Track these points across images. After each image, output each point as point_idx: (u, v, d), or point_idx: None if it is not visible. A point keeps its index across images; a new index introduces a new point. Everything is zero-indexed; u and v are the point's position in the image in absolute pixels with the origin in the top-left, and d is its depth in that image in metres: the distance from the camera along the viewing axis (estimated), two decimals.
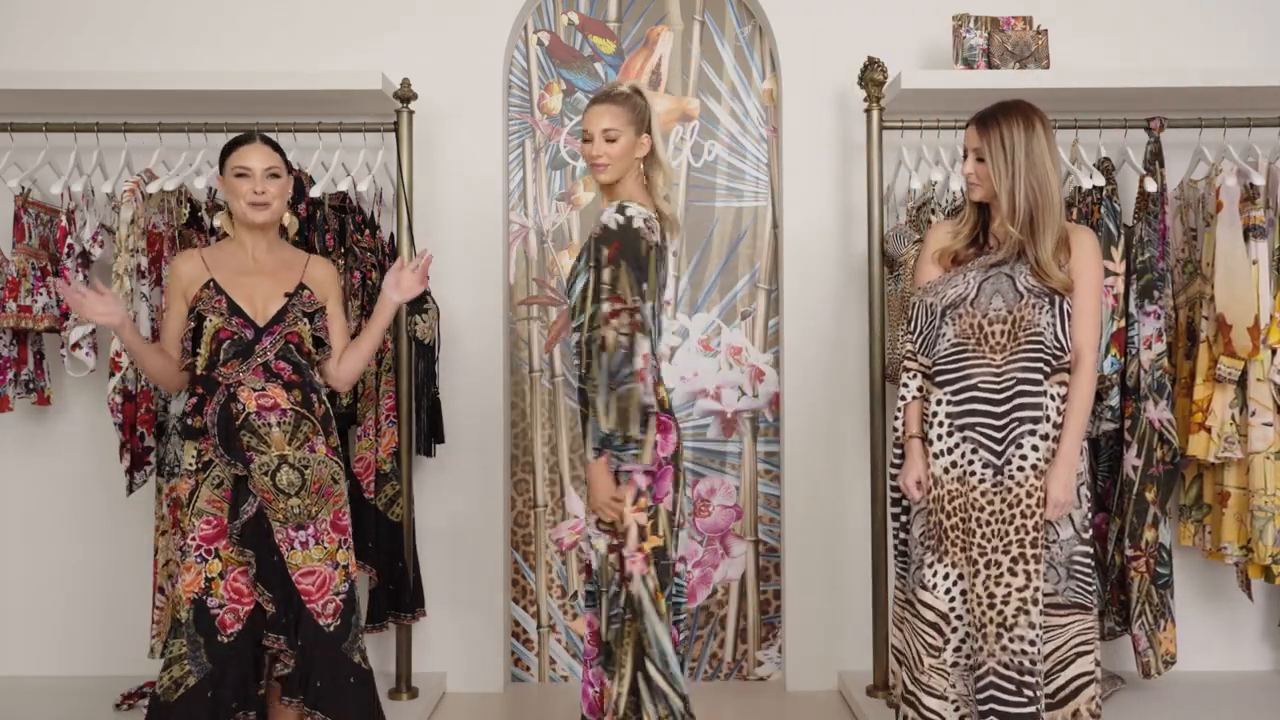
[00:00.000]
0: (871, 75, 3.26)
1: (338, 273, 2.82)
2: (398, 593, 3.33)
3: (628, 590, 2.46)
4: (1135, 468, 3.17)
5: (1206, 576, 3.58)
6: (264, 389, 2.55)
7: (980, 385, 2.47)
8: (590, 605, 2.58)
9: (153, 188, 3.22)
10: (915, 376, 2.60)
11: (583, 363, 2.47)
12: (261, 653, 2.54)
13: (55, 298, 3.29)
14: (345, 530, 2.64)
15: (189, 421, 2.56)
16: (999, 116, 2.51)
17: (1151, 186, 3.22)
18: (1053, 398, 2.46)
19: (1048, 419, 2.45)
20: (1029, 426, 2.44)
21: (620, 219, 2.46)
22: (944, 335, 2.54)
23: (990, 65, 3.31)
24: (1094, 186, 3.19)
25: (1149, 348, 3.17)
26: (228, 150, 2.67)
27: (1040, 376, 2.45)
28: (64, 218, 3.25)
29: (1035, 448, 2.44)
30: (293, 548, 2.53)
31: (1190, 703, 3.28)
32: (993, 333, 2.48)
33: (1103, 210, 3.17)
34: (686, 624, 3.64)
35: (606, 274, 2.42)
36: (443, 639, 3.59)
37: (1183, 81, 3.25)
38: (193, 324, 2.58)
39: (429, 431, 3.39)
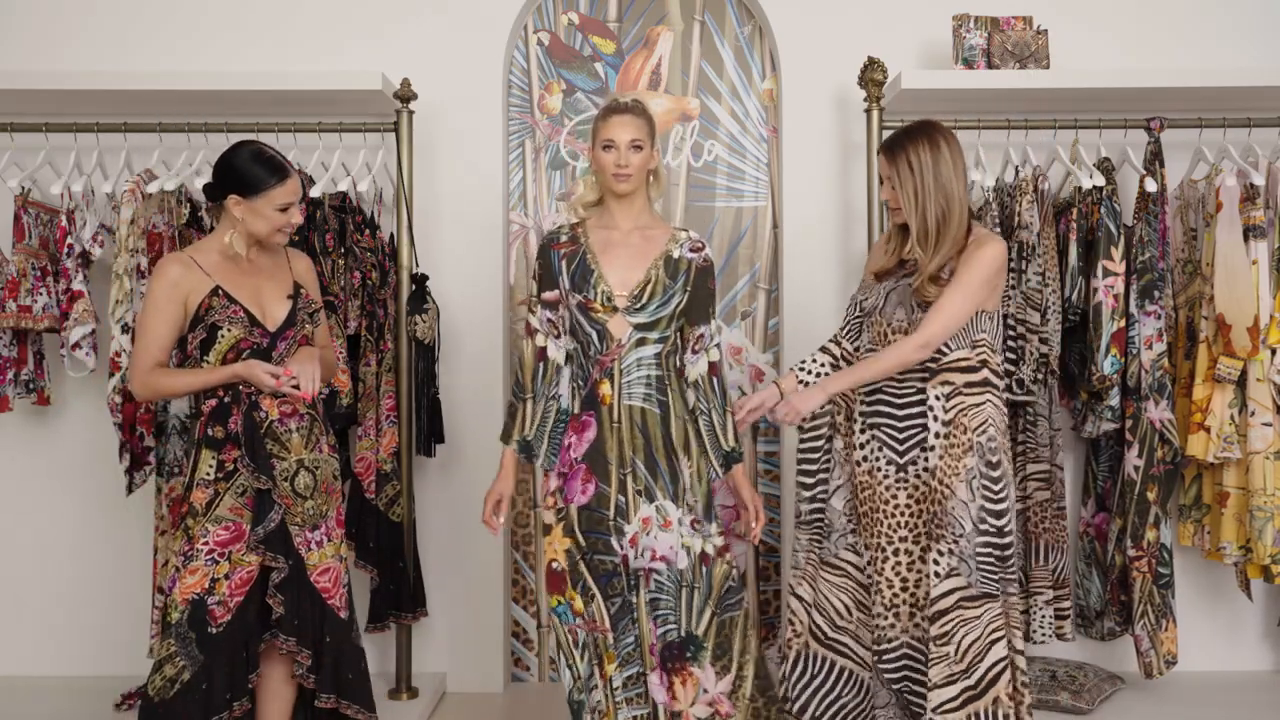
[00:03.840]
0: (871, 75, 3.26)
1: (311, 262, 2.80)
2: (398, 592, 3.33)
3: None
4: (1137, 468, 3.17)
5: (1206, 576, 3.59)
6: (284, 395, 2.53)
7: (885, 389, 2.60)
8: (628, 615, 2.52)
9: (153, 188, 3.23)
10: (824, 352, 2.78)
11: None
12: (254, 646, 2.53)
13: (55, 297, 3.29)
14: (343, 525, 2.71)
15: (210, 432, 2.51)
16: (904, 142, 2.57)
17: (1151, 186, 3.22)
18: (938, 398, 2.53)
19: (936, 418, 2.53)
20: (921, 433, 2.55)
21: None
22: (862, 341, 2.69)
23: (990, 65, 3.31)
24: (1094, 186, 3.19)
25: (1149, 348, 3.18)
26: (265, 181, 2.51)
27: (922, 383, 2.56)
28: (64, 218, 3.25)
29: (929, 447, 2.53)
30: (309, 549, 2.55)
31: (1190, 703, 3.28)
32: (895, 341, 2.59)
33: (1103, 210, 3.17)
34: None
35: None
36: (443, 639, 3.59)
37: (1183, 81, 3.25)
38: (203, 334, 2.51)
39: (429, 431, 3.39)
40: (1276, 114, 3.33)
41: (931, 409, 2.53)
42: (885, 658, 2.59)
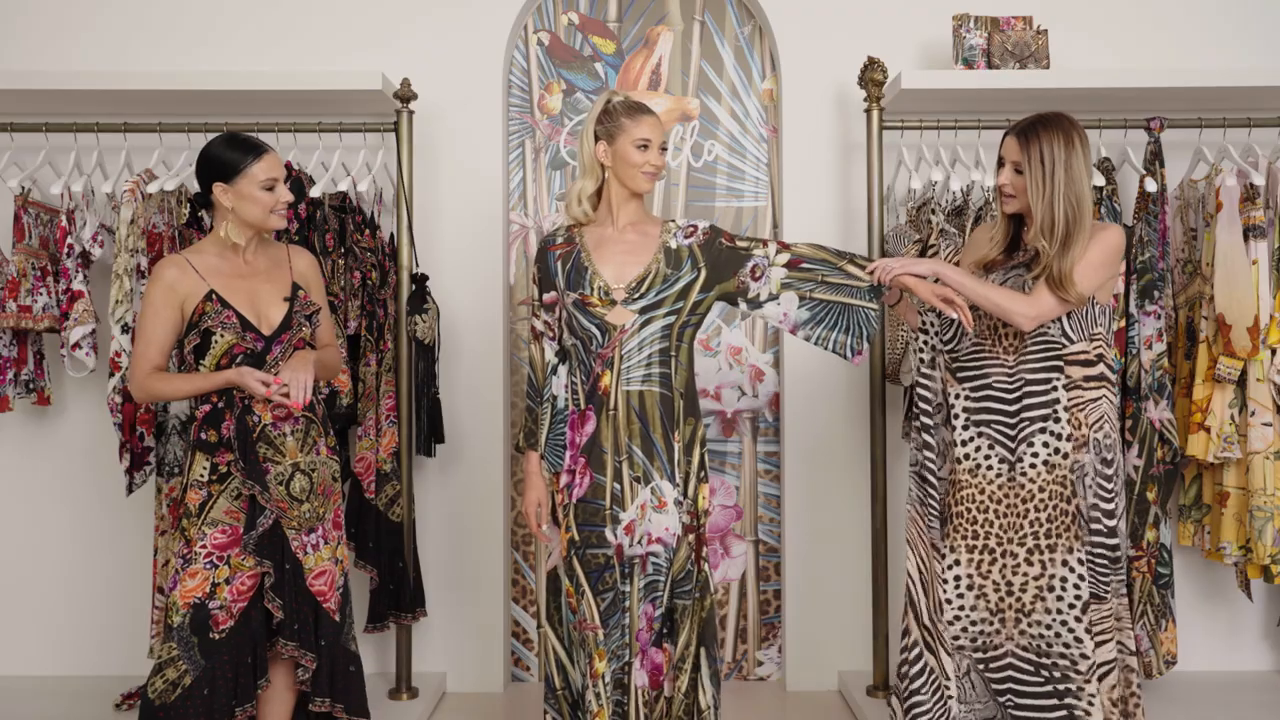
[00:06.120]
0: (871, 75, 3.26)
1: (314, 258, 2.76)
2: (398, 592, 3.33)
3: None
4: (1136, 468, 3.17)
5: (1206, 576, 3.59)
6: (276, 402, 2.51)
7: (995, 384, 2.54)
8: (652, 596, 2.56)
9: (153, 188, 3.23)
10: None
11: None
12: (262, 652, 2.53)
13: (55, 297, 3.29)
14: (341, 527, 2.68)
15: (203, 436, 2.51)
16: (1040, 130, 2.49)
17: (1151, 186, 3.22)
18: (1065, 389, 2.49)
19: (1056, 419, 2.47)
20: (1039, 425, 2.48)
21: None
22: (967, 334, 2.60)
23: (990, 65, 3.31)
24: (1094, 186, 3.19)
25: (1149, 348, 3.18)
26: (241, 160, 2.51)
27: (1049, 375, 2.49)
28: (64, 218, 3.26)
29: (1046, 444, 2.48)
30: (306, 552, 2.53)
31: (1190, 703, 3.28)
32: (1006, 334, 2.55)
33: (1103, 210, 3.17)
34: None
35: None
36: (443, 639, 3.59)
37: (1183, 81, 3.25)
38: (196, 339, 2.49)
39: (429, 431, 3.39)
40: (1276, 114, 3.34)
41: (1057, 406, 2.47)
42: (992, 665, 2.53)
